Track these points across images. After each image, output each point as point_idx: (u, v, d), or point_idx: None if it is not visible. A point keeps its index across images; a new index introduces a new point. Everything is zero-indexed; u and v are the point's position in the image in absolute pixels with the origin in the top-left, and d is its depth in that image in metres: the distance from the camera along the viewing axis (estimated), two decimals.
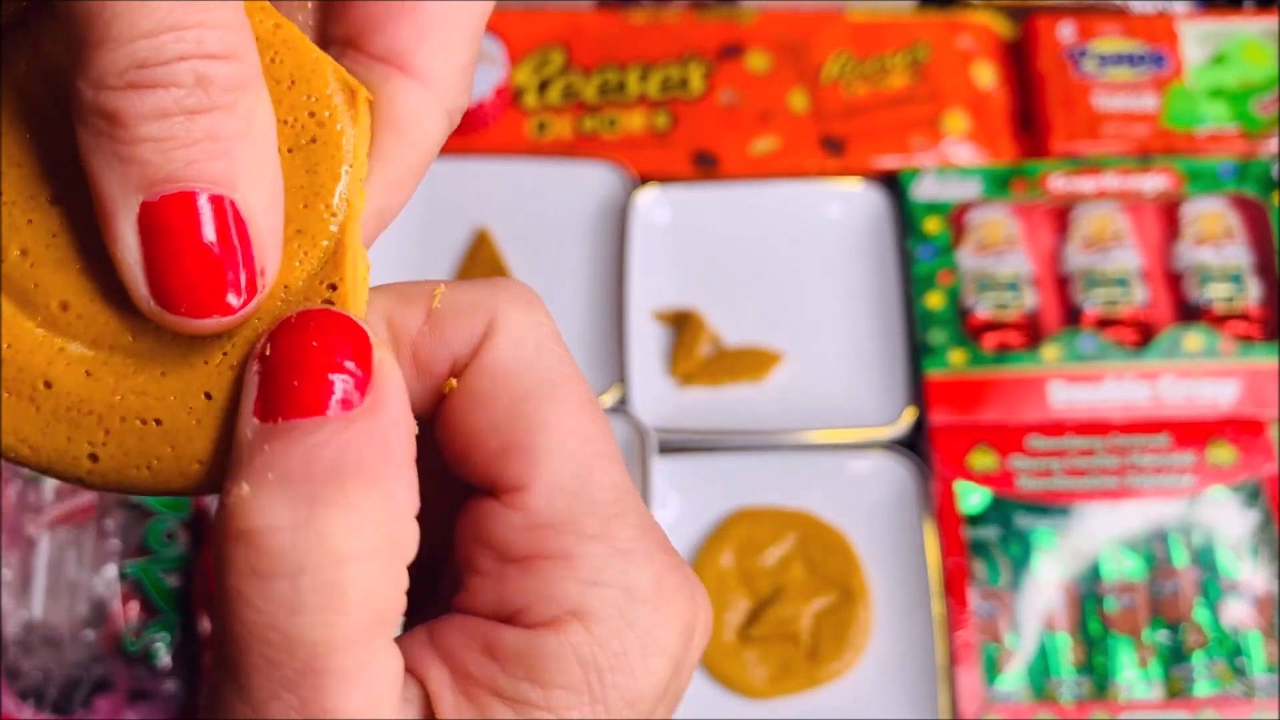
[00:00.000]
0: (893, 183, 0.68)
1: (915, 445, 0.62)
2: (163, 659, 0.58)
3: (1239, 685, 0.56)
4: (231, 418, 0.21)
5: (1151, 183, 0.67)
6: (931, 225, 0.66)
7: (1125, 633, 0.58)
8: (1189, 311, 0.65)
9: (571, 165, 0.68)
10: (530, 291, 0.22)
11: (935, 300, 0.64)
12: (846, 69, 0.71)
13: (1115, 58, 0.71)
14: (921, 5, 0.74)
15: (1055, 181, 0.67)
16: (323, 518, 0.19)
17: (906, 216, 0.66)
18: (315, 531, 0.19)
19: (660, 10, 0.74)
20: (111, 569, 0.60)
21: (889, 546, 0.60)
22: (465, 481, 0.22)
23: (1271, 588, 0.58)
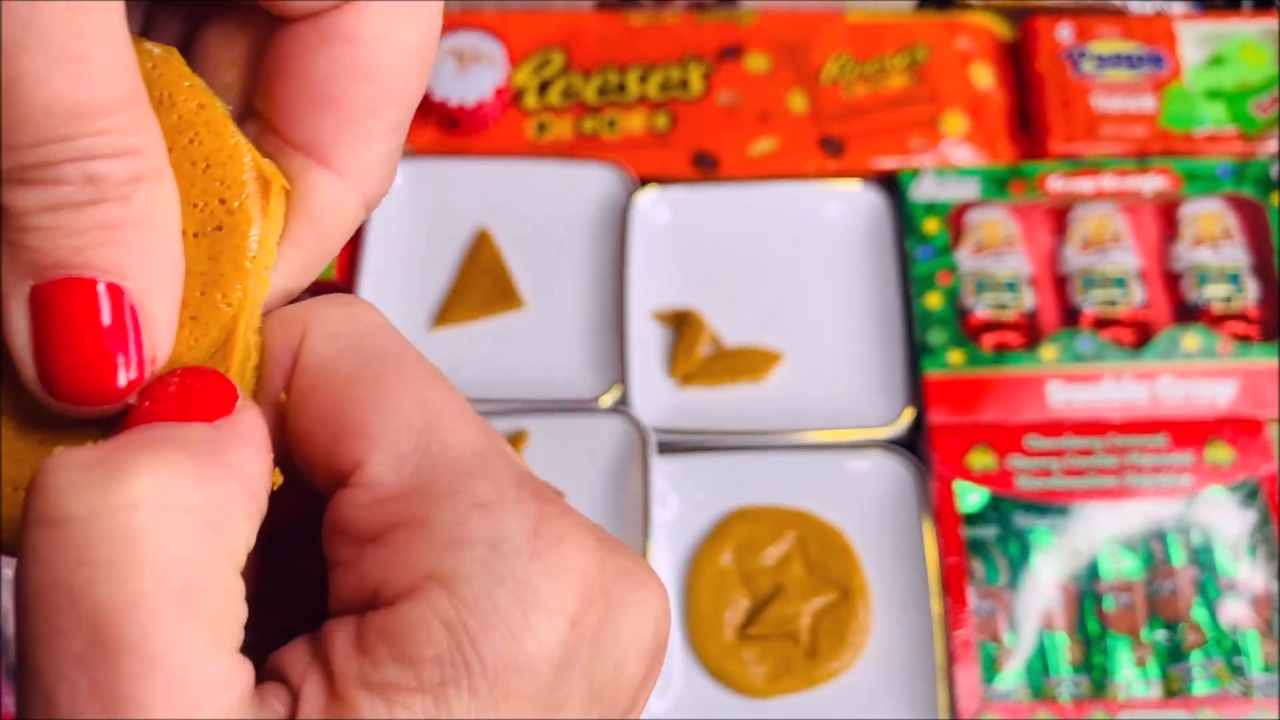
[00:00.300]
0: (891, 183, 0.68)
1: (914, 445, 0.62)
2: None
3: (1237, 684, 0.56)
4: None
5: (1150, 183, 0.67)
6: (930, 226, 0.66)
7: (1123, 632, 0.58)
8: (1187, 312, 0.65)
9: (571, 166, 0.68)
10: (348, 296, 0.22)
11: (934, 300, 0.64)
12: (846, 70, 0.72)
13: (1113, 59, 0.71)
14: (920, 7, 0.75)
15: (1054, 182, 0.67)
16: (125, 461, 0.18)
17: (905, 217, 0.66)
18: (113, 471, 0.18)
19: (660, 12, 0.75)
20: None
21: (888, 545, 0.60)
22: (319, 488, 0.21)
23: (1269, 587, 0.58)
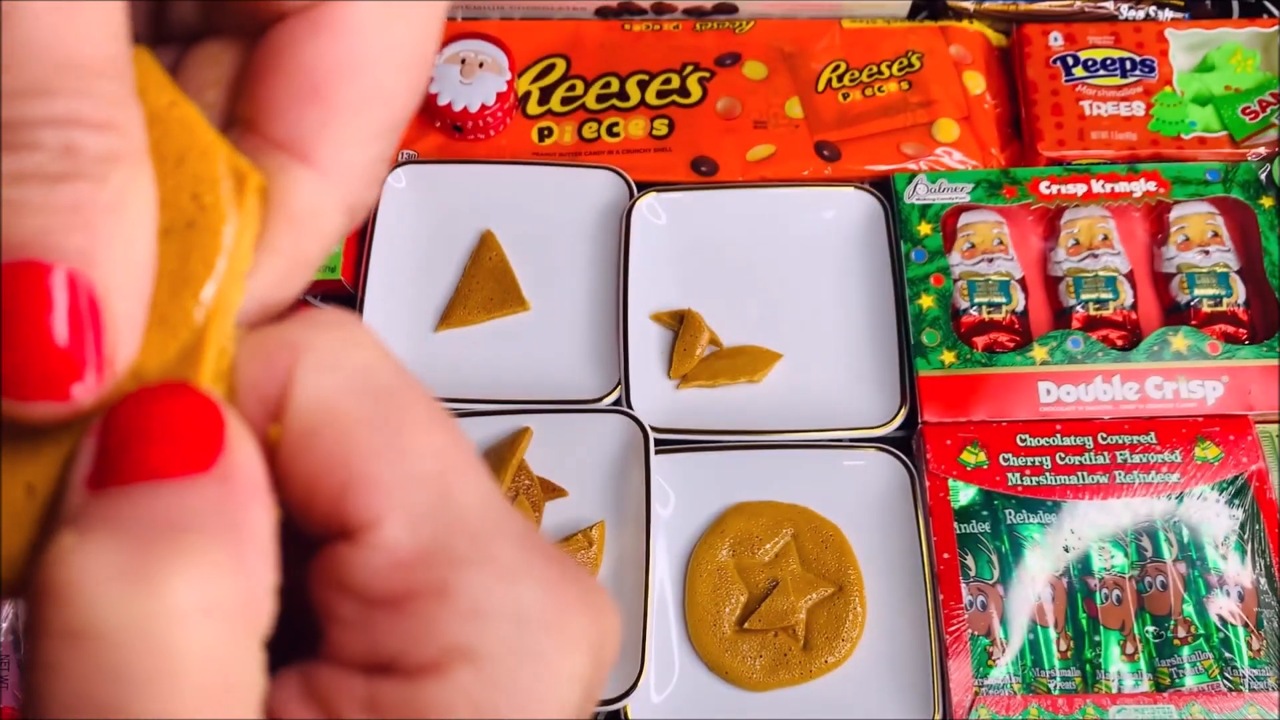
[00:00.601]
0: (886, 187, 0.68)
1: (908, 443, 0.63)
2: None
3: (1226, 678, 0.57)
4: (54, 515, 0.18)
5: (1139, 187, 0.67)
6: (923, 229, 0.66)
7: (1114, 626, 0.58)
8: (1176, 313, 0.65)
9: (573, 170, 0.69)
10: (341, 314, 0.19)
11: (927, 302, 0.65)
12: (841, 77, 0.72)
13: (1104, 65, 0.71)
14: (914, 15, 0.75)
15: (1045, 186, 0.68)
16: (158, 565, 0.16)
17: (899, 220, 0.67)
18: (147, 580, 0.16)
19: (659, 20, 0.75)
20: None
21: (882, 541, 0.60)
22: (313, 536, 0.19)
23: (1257, 582, 0.59)
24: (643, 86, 0.72)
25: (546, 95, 0.72)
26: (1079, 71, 0.71)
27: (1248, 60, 0.71)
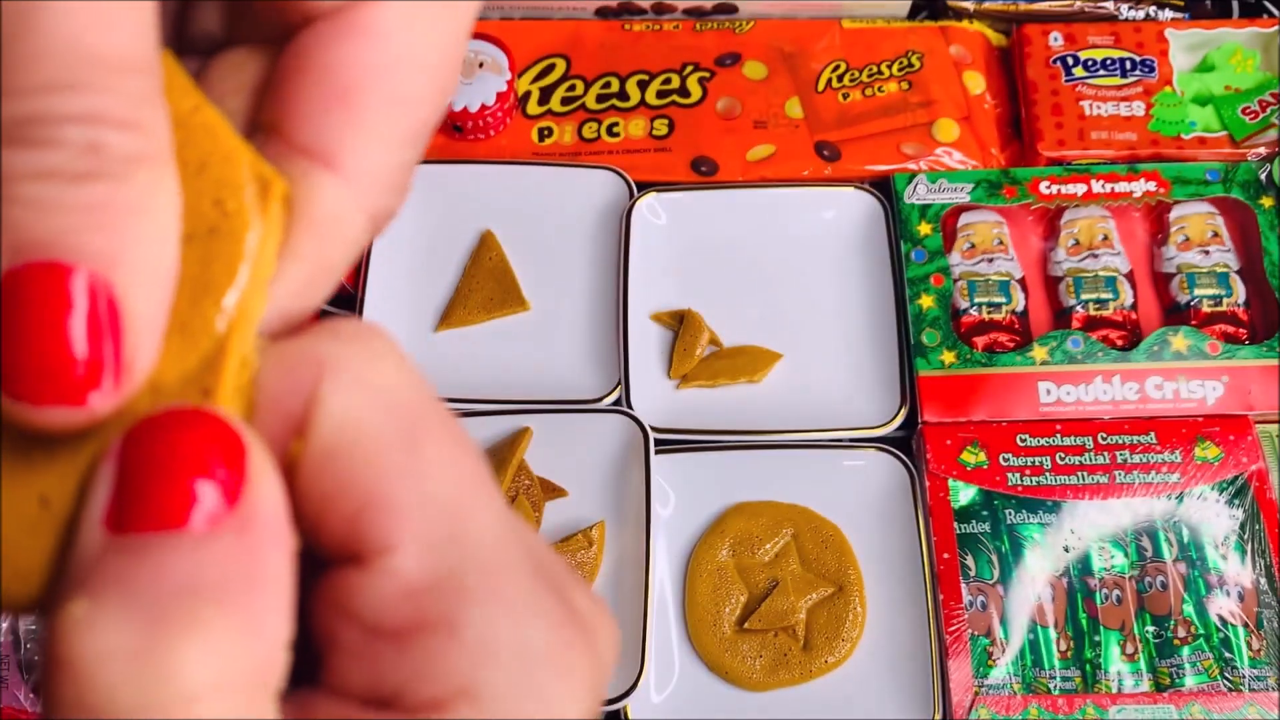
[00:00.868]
0: (886, 187, 0.68)
1: (908, 443, 0.63)
2: None
3: (1226, 678, 0.57)
4: (70, 528, 0.17)
5: (1139, 187, 0.68)
6: (924, 229, 0.67)
7: (1114, 626, 0.58)
8: (1176, 313, 0.65)
9: (573, 170, 0.69)
10: (366, 326, 0.19)
11: (927, 302, 0.65)
12: (841, 77, 0.72)
13: (1104, 65, 0.71)
14: (914, 15, 0.75)
15: (1045, 186, 0.68)
16: (170, 645, 0.16)
17: (899, 220, 0.67)
18: (159, 661, 0.16)
19: (659, 20, 0.75)
20: None
21: (882, 541, 0.60)
22: (322, 554, 0.18)
23: (1257, 582, 0.59)
24: (643, 86, 0.72)
25: (546, 95, 0.72)
26: (1079, 71, 0.71)
27: (1248, 60, 0.71)
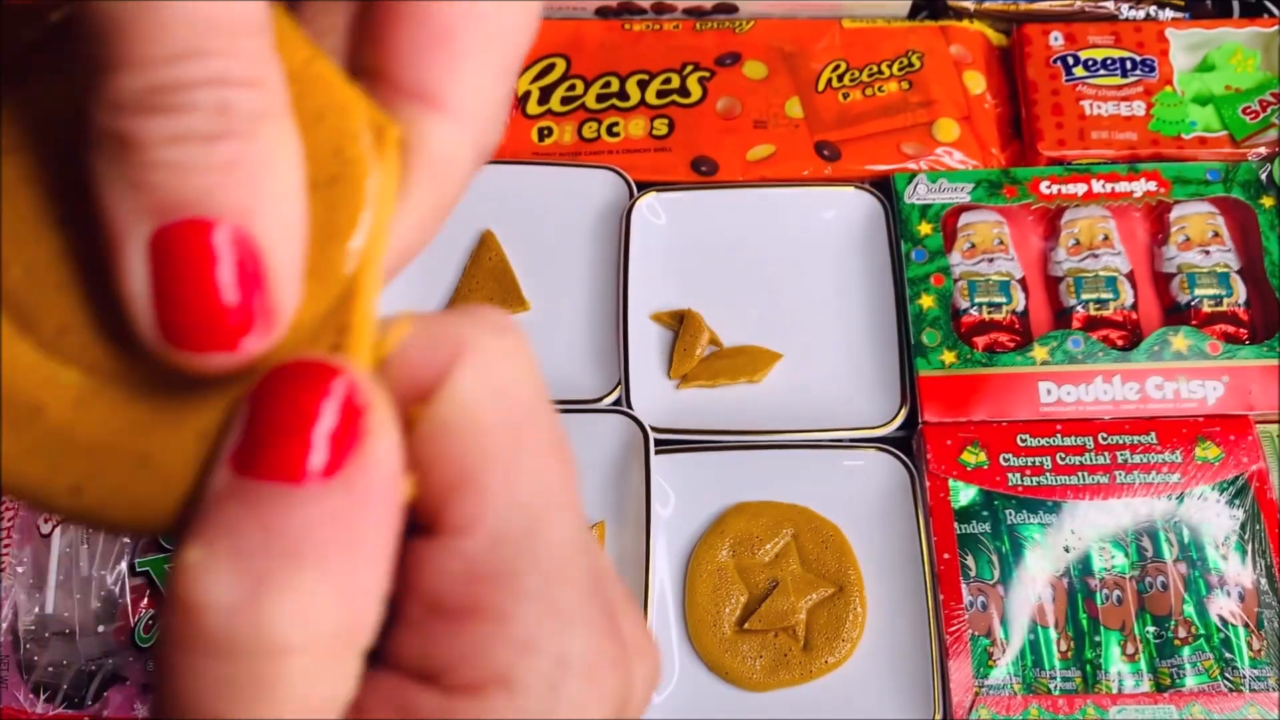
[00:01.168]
0: (886, 187, 0.68)
1: (908, 443, 0.63)
2: None
3: (1227, 679, 0.57)
4: (210, 465, 0.19)
5: (1140, 187, 0.67)
6: (924, 229, 0.66)
7: (1114, 627, 0.58)
8: (1176, 313, 0.65)
9: (573, 170, 0.69)
10: (505, 318, 0.20)
11: (928, 302, 0.65)
12: (841, 77, 0.72)
13: (1104, 65, 0.71)
14: (914, 15, 0.75)
15: (1045, 186, 0.68)
16: (267, 603, 0.17)
17: (899, 220, 0.67)
18: (255, 617, 0.17)
19: (659, 20, 0.75)
20: (123, 564, 0.60)
21: (883, 541, 0.60)
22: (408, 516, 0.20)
23: (1257, 582, 0.59)
24: (643, 86, 0.72)
25: (546, 95, 0.72)
26: (1079, 71, 0.71)
27: (1248, 60, 0.71)
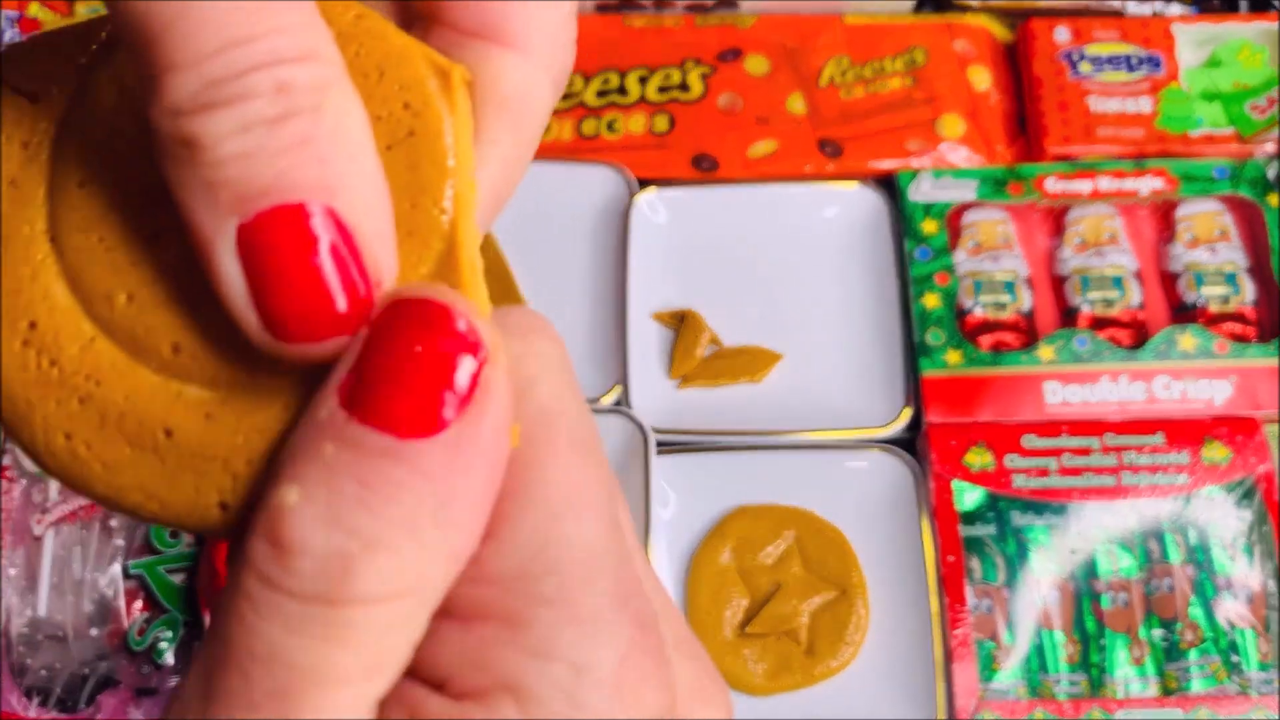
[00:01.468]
0: (890, 185, 0.68)
1: (912, 444, 0.62)
2: (167, 656, 0.58)
3: (1234, 682, 0.57)
4: (306, 410, 0.18)
5: (1146, 185, 0.67)
6: (928, 227, 0.66)
7: (1121, 630, 0.58)
8: (1184, 312, 0.65)
9: (572, 167, 0.68)
10: (539, 319, 0.20)
11: (932, 301, 0.64)
12: (844, 73, 0.72)
13: (1110, 61, 0.71)
14: (918, 9, 0.75)
15: (1051, 183, 0.67)
16: (360, 558, 0.17)
17: (903, 218, 0.67)
18: (346, 568, 0.17)
19: (660, 14, 0.75)
20: (116, 567, 0.60)
21: (886, 544, 0.60)
22: None
23: (1266, 585, 0.58)
24: (643, 82, 0.72)
25: None
26: (1085, 67, 0.71)
27: (1256, 56, 0.71)
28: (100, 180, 0.19)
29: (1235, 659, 0.57)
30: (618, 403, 0.62)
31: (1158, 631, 0.58)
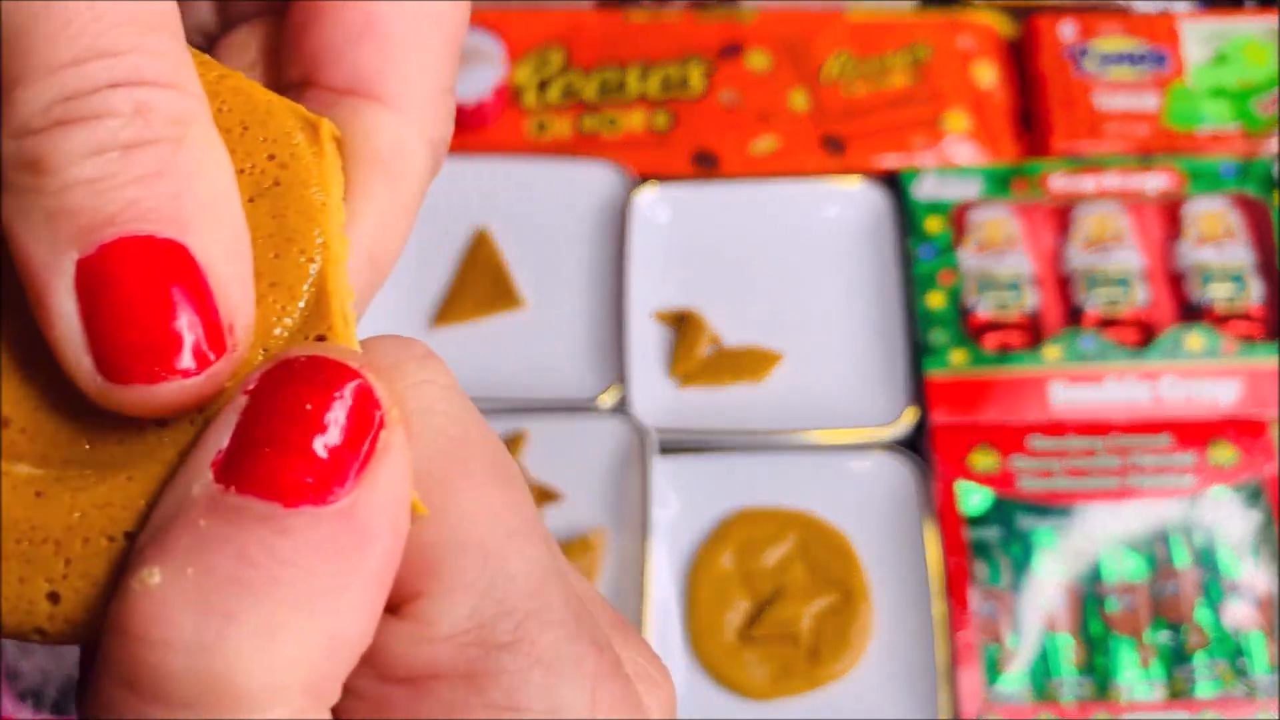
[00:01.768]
0: (893, 182, 0.68)
1: (916, 445, 0.62)
2: None
3: (1241, 686, 0.56)
4: (173, 489, 0.17)
5: (1153, 182, 0.67)
6: (932, 225, 0.66)
7: (1127, 633, 0.58)
8: (1190, 311, 0.65)
9: (571, 165, 0.68)
10: (413, 343, 0.19)
11: (936, 300, 0.64)
12: (847, 69, 0.72)
13: (1116, 57, 0.71)
14: (922, 5, 0.75)
15: (1056, 181, 0.67)
16: (235, 645, 0.15)
17: (907, 216, 0.66)
18: (220, 662, 0.15)
19: (660, 10, 0.75)
20: None
21: (890, 547, 0.60)
22: None
23: (1273, 588, 0.58)
24: (643, 78, 0.71)
25: (544, 87, 0.71)
26: (1091, 64, 0.70)
27: (1262, 53, 0.71)
28: None
29: (1242, 663, 0.57)
30: (618, 403, 0.62)
31: (1164, 635, 0.57)
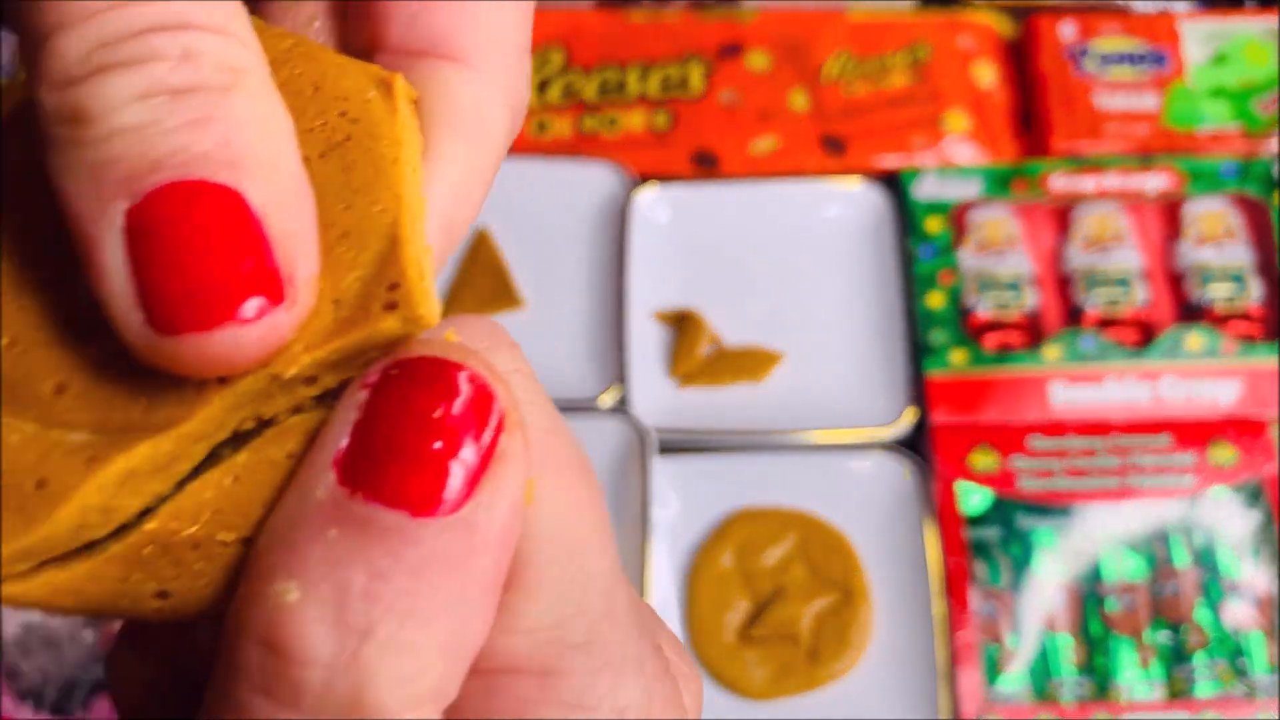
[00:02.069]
0: (893, 182, 0.68)
1: (916, 445, 0.62)
2: None
3: (1241, 686, 0.56)
4: (295, 479, 0.16)
5: (1153, 182, 0.67)
6: (932, 225, 0.66)
7: (1126, 633, 0.58)
8: (1190, 311, 0.65)
9: (571, 165, 0.68)
10: (497, 328, 0.18)
11: (936, 300, 0.64)
12: (847, 69, 0.72)
13: (1116, 57, 0.71)
14: (922, 5, 0.75)
15: (1056, 181, 0.67)
16: (369, 663, 0.15)
17: (907, 216, 0.66)
18: (355, 680, 0.15)
19: (660, 9, 0.75)
20: None
21: (889, 547, 0.60)
22: None
23: (1273, 588, 0.58)
24: (643, 78, 0.71)
25: (544, 87, 0.71)
26: (1091, 64, 0.70)
27: (1262, 53, 0.71)
28: (3, 229, 0.17)
29: (1242, 663, 0.57)
30: (618, 402, 0.61)
31: (1164, 635, 0.57)
